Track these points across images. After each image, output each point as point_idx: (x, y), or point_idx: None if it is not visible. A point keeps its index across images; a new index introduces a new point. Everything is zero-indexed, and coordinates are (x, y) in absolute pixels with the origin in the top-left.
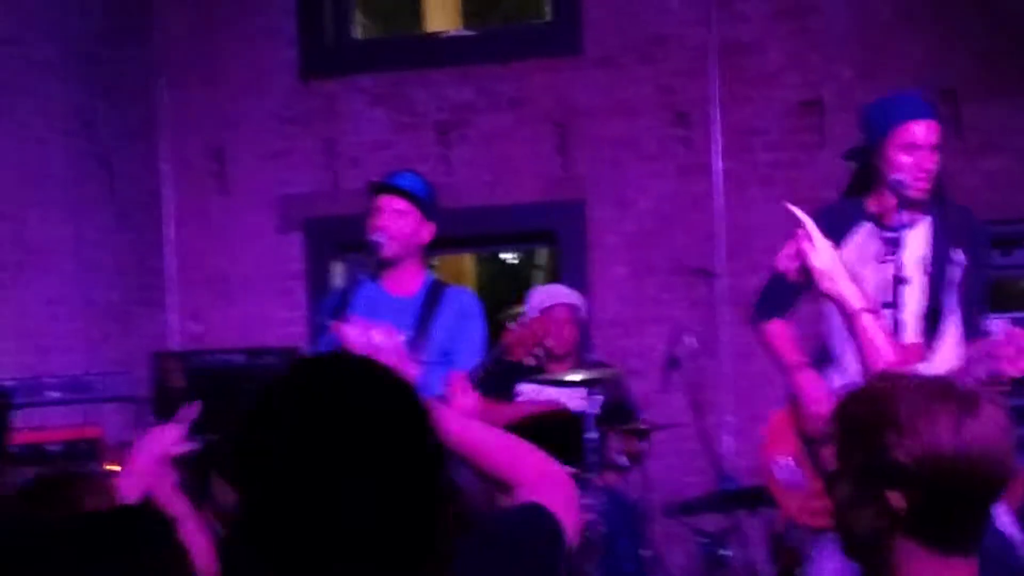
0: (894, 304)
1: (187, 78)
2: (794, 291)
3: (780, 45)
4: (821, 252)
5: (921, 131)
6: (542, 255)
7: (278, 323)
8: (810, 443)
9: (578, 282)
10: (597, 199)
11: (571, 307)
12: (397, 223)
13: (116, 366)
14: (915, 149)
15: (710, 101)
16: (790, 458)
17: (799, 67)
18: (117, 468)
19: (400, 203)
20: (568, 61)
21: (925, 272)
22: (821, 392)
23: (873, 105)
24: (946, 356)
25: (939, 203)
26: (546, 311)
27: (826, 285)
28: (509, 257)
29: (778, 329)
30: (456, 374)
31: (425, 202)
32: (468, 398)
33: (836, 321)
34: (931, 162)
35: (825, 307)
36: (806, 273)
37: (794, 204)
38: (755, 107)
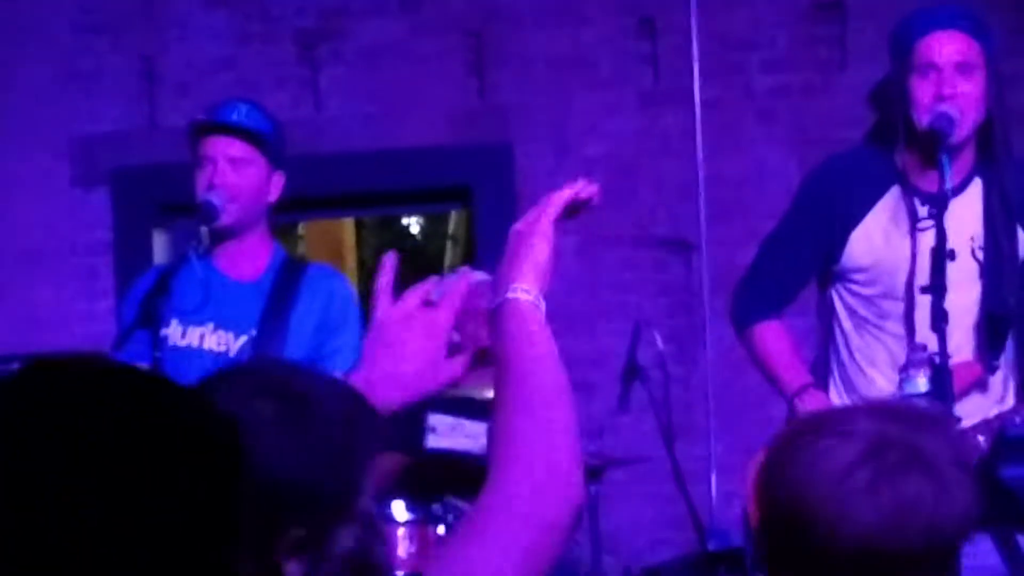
0: (936, 287)
1: None
2: (799, 275)
3: None
4: None
5: (939, 45)
6: (453, 220)
7: (76, 318)
8: None
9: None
10: (528, 141)
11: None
12: (236, 176)
13: None
14: (931, 70)
15: (686, 2)
16: None
17: None
18: None
19: (237, 147)
20: None
21: (975, 257)
22: None
23: (900, 21)
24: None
25: (995, 158)
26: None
27: None
28: (408, 224)
29: (771, 334)
30: None
31: (272, 143)
32: None
33: (854, 319)
34: (954, 87)
35: (835, 297)
36: None
37: (804, 146)
38: (749, 10)
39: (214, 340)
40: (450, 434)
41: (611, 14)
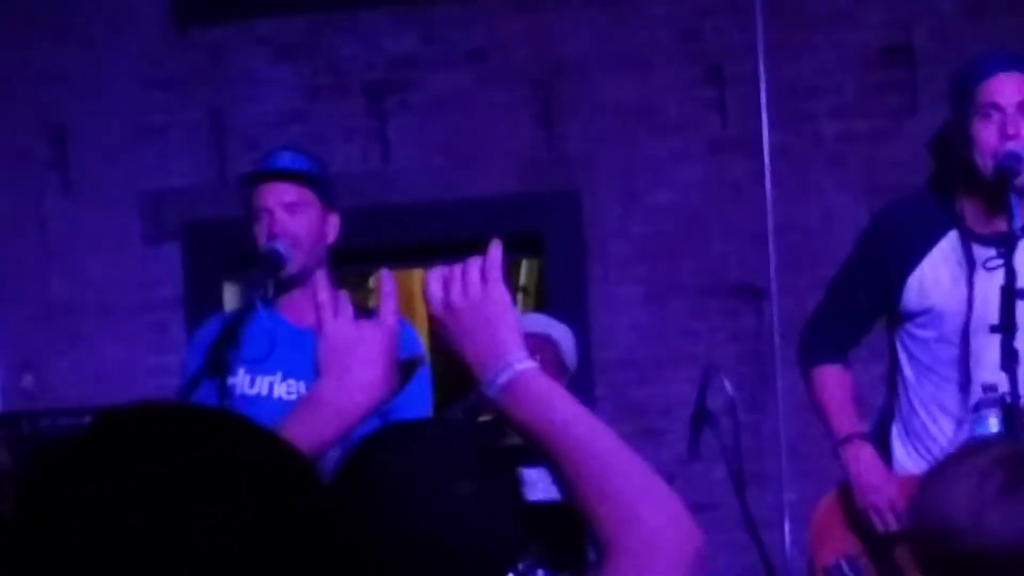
0: (1006, 326)
1: (15, 30)
2: (860, 319)
3: None
4: None
5: (1001, 86)
6: (524, 270)
7: (146, 372)
8: (873, 541)
9: (572, 306)
10: (596, 189)
11: (545, 340)
12: (295, 222)
13: None
14: (995, 111)
15: (754, 49)
16: (843, 559)
17: None
18: None
19: (290, 192)
20: None
21: None
22: (878, 476)
23: (960, 68)
24: None
25: None
26: None
27: None
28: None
29: (829, 378)
30: None
31: (323, 183)
32: None
33: (914, 364)
34: (1018, 127)
35: (897, 342)
36: None
37: (875, 192)
38: (816, 57)
39: (283, 389)
40: (543, 485)
41: (678, 62)
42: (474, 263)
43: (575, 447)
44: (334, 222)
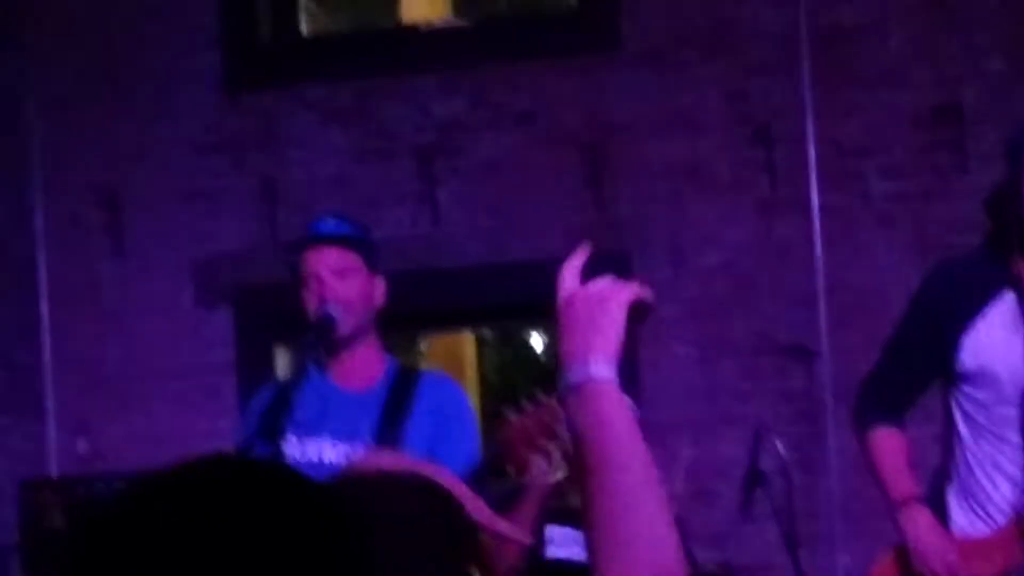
0: None
1: (68, 97)
2: (916, 381)
3: (901, 27)
4: None
5: None
6: None
7: (200, 436)
8: None
9: (622, 368)
10: (645, 252)
11: None
12: (344, 287)
13: None
14: None
15: (802, 110)
16: None
17: (929, 58)
18: None
19: (338, 257)
20: (600, 58)
21: None
22: (936, 539)
23: (1016, 126)
24: None
25: None
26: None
27: None
28: (529, 338)
29: (886, 442)
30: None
31: (368, 247)
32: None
33: (971, 425)
34: None
35: (953, 403)
36: None
37: (925, 252)
38: (864, 117)
39: (333, 453)
40: (568, 544)
41: (726, 123)
42: (609, 281)
43: (606, 472)
44: (380, 286)
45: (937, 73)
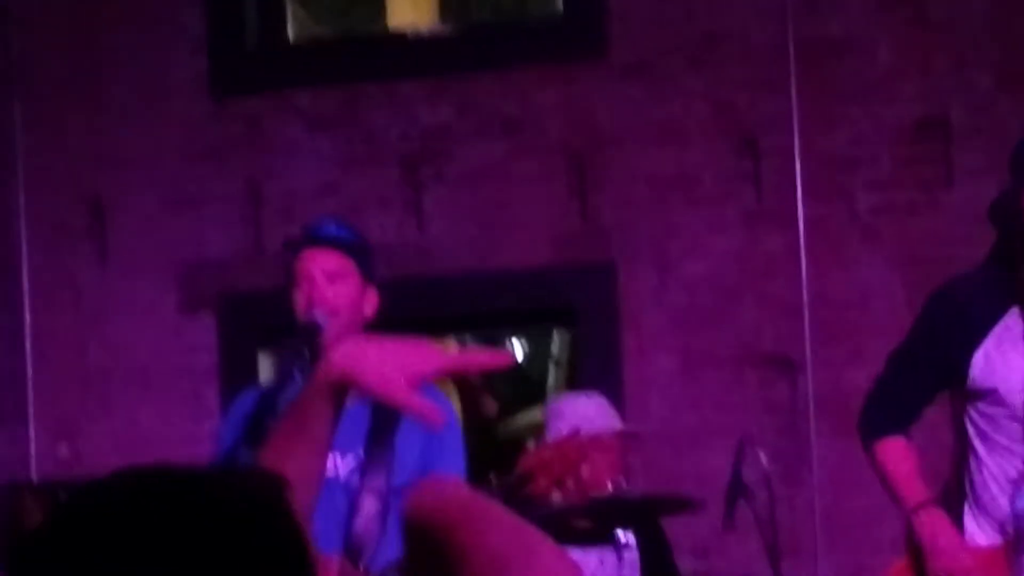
0: None
1: (53, 102)
2: (922, 394)
3: (888, 41)
4: None
5: None
6: (556, 342)
7: (182, 440)
8: None
9: (606, 378)
10: (631, 261)
11: (626, 437)
12: (334, 291)
13: None
14: None
15: (788, 122)
16: None
17: (916, 72)
18: None
19: (333, 260)
20: (586, 68)
21: None
22: (952, 541)
23: (1021, 140)
24: None
25: None
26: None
27: None
28: (511, 345)
29: (896, 451)
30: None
31: (364, 256)
32: None
33: (984, 439)
34: None
35: (966, 419)
36: None
37: (910, 265)
38: (851, 130)
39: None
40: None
41: (712, 133)
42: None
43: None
44: (373, 297)
45: (924, 87)
